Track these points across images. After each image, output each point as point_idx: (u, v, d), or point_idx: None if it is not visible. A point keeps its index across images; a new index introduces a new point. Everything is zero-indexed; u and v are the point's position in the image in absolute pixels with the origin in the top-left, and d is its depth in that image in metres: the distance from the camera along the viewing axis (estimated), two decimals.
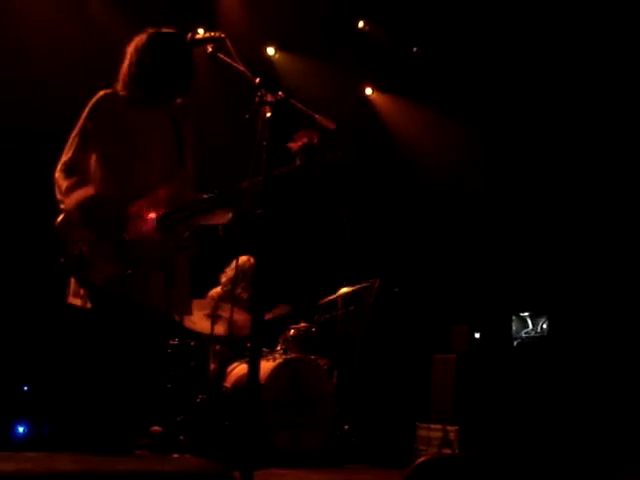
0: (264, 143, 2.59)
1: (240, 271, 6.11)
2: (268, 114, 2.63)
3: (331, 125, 2.74)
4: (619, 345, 6.97)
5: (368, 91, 8.65)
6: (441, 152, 7.99)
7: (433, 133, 8.16)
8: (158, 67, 3.28)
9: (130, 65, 3.32)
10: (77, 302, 3.28)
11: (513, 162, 7.81)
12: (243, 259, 6.17)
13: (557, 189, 7.65)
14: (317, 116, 2.76)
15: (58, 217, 3.20)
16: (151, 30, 3.35)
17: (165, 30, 3.35)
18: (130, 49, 3.35)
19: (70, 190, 3.20)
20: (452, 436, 6.03)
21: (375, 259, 7.56)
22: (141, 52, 3.30)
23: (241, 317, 5.62)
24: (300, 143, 3.00)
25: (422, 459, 2.06)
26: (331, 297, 6.15)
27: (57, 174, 3.28)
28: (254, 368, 2.63)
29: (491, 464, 2.17)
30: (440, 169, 7.90)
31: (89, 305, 3.23)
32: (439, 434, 6.13)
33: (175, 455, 4.99)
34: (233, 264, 6.13)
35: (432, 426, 6.25)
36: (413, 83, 8.29)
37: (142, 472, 1.69)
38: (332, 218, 7.55)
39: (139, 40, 3.34)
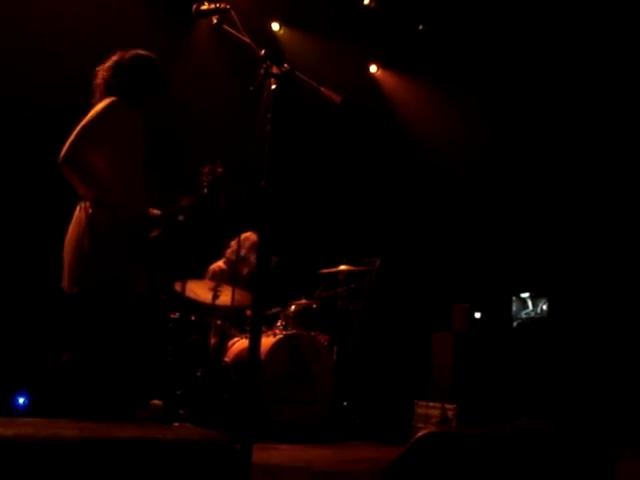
0: (269, 115, 2.57)
1: (243, 247, 6.09)
2: (273, 86, 2.60)
3: (337, 99, 2.72)
4: (618, 328, 6.99)
5: (373, 68, 8.59)
6: (445, 130, 7.96)
7: (438, 111, 8.11)
8: (136, 84, 3.68)
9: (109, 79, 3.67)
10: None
11: (518, 142, 7.78)
12: (246, 235, 6.15)
13: (561, 171, 7.62)
14: (323, 89, 2.74)
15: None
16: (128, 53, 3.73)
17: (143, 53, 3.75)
18: (108, 66, 3.72)
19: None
20: (450, 414, 6.06)
21: (378, 237, 7.56)
22: (120, 72, 3.68)
23: (241, 293, 5.61)
24: (208, 175, 3.37)
25: (422, 433, 2.07)
26: (331, 270, 6.15)
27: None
28: (254, 344, 2.62)
29: (490, 440, 2.18)
30: (444, 148, 7.87)
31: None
32: (437, 412, 6.16)
33: (176, 424, 5.01)
34: (237, 239, 6.12)
35: (430, 404, 6.27)
36: (418, 60, 8.23)
37: (141, 439, 1.69)
38: (335, 195, 7.57)
39: (117, 59, 3.71)
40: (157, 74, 3.76)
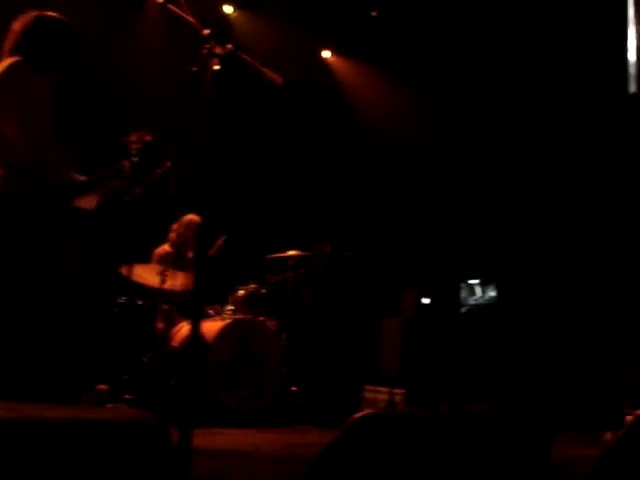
0: (211, 96, 2.54)
1: (187, 230, 6.02)
2: (216, 67, 2.57)
3: (279, 80, 2.70)
4: (565, 313, 7.11)
5: (326, 54, 8.57)
6: (397, 116, 7.99)
7: (390, 97, 8.14)
8: (42, 46, 3.54)
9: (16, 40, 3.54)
10: None
11: (468, 128, 7.85)
12: (189, 217, 6.06)
13: (509, 157, 7.71)
14: (265, 70, 2.72)
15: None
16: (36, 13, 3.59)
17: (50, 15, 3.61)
18: (16, 27, 3.58)
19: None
20: (398, 399, 6.12)
21: (328, 223, 7.57)
22: (27, 32, 3.54)
23: (188, 277, 5.57)
24: (135, 145, 3.26)
25: (358, 415, 2.07)
26: (280, 255, 6.14)
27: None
28: (196, 325, 2.60)
29: (426, 421, 2.19)
30: (395, 134, 7.90)
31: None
32: (385, 397, 6.21)
33: (109, 405, 4.96)
34: (181, 221, 6.05)
35: (379, 389, 6.32)
36: (371, 47, 8.24)
37: (76, 420, 1.67)
38: (284, 181, 7.55)
39: (26, 20, 3.58)
40: (67, 39, 3.62)
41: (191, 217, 6.05)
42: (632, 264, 6.65)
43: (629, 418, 4.54)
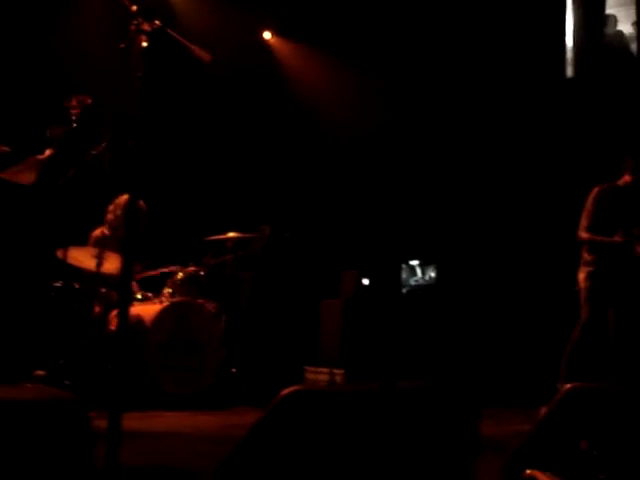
0: (139, 74, 2.50)
1: (123, 211, 5.89)
2: (144, 44, 2.53)
3: (207, 57, 2.67)
4: (502, 292, 7.24)
5: (267, 35, 8.52)
6: (337, 98, 7.99)
7: (329, 79, 8.13)
8: None
9: None
10: None
11: (408, 110, 7.89)
12: (124, 198, 5.93)
13: (450, 140, 7.79)
14: (193, 47, 2.69)
15: None
16: None
17: None
18: None
19: None
20: (338, 379, 6.17)
21: (267, 205, 7.55)
22: None
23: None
24: (75, 109, 3.11)
25: (286, 391, 2.08)
26: (219, 237, 6.10)
27: None
28: (124, 309, 2.57)
29: (356, 397, 2.22)
30: (336, 116, 7.90)
31: None
32: (326, 377, 6.26)
33: (28, 384, 4.89)
34: (116, 202, 5.93)
35: (319, 369, 6.36)
36: (312, 29, 8.22)
37: None
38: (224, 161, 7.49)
39: None
40: None
41: (126, 197, 5.90)
42: (565, 244, 6.79)
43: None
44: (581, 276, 5.50)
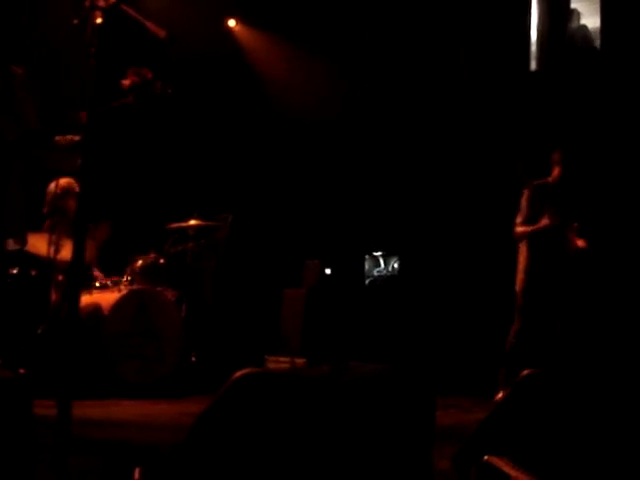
0: (92, 50, 2.44)
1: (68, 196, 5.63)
2: (99, 20, 2.47)
3: (162, 34, 2.62)
4: (464, 283, 7.28)
5: (231, 23, 8.44)
6: (300, 86, 7.95)
7: (293, 67, 8.09)
8: None
9: None
10: None
11: (373, 99, 7.88)
12: (66, 182, 5.64)
13: (413, 127, 7.78)
14: (148, 24, 2.63)
15: None
16: None
17: None
18: None
19: None
20: None
21: (229, 193, 7.49)
22: None
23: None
24: (131, 80, 2.97)
25: (238, 374, 2.05)
26: (180, 224, 6.03)
27: None
28: (75, 296, 2.52)
29: (308, 380, 2.19)
30: (300, 104, 7.86)
31: None
32: (287, 366, 6.24)
33: None
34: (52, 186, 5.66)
35: (281, 358, 6.34)
36: (277, 17, 8.17)
37: None
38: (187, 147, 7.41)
39: None
40: None
41: (68, 181, 5.51)
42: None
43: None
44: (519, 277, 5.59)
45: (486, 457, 2.42)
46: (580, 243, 5.54)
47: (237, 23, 8.44)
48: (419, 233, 7.73)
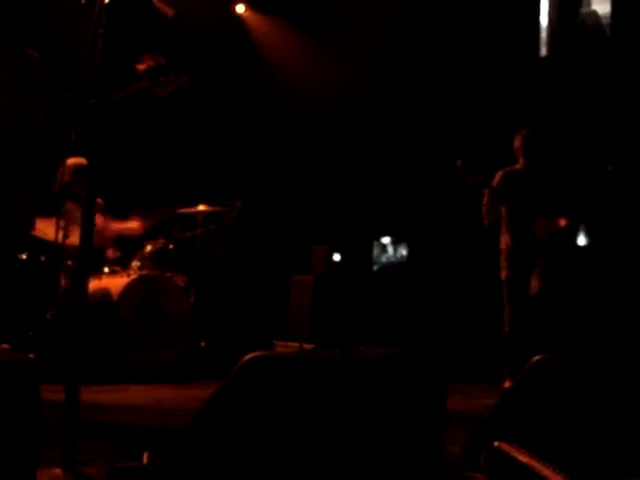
0: (100, 31, 2.42)
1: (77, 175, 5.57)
2: (106, 0, 2.45)
3: (170, 12, 2.59)
4: (472, 271, 7.26)
5: (240, 9, 8.39)
6: (309, 72, 7.91)
7: (302, 53, 8.05)
8: None
9: None
10: None
11: (383, 87, 7.84)
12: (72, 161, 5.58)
13: (419, 115, 7.75)
14: (156, 1, 2.61)
15: None
16: None
17: None
18: None
19: None
20: None
21: (238, 179, 7.47)
22: None
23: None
24: (146, 65, 2.92)
25: (249, 357, 2.04)
26: (190, 210, 6.02)
27: None
28: (83, 281, 2.51)
29: (316, 363, 2.18)
30: (307, 91, 7.82)
31: None
32: (296, 351, 6.22)
33: None
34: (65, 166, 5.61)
35: (289, 344, 6.34)
36: (286, 2, 8.13)
37: None
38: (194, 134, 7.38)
39: None
40: None
41: (76, 161, 5.45)
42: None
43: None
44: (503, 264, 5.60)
45: (496, 443, 2.40)
46: (562, 222, 5.52)
47: (246, 9, 8.39)
48: (427, 220, 7.71)
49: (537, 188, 5.55)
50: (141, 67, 2.89)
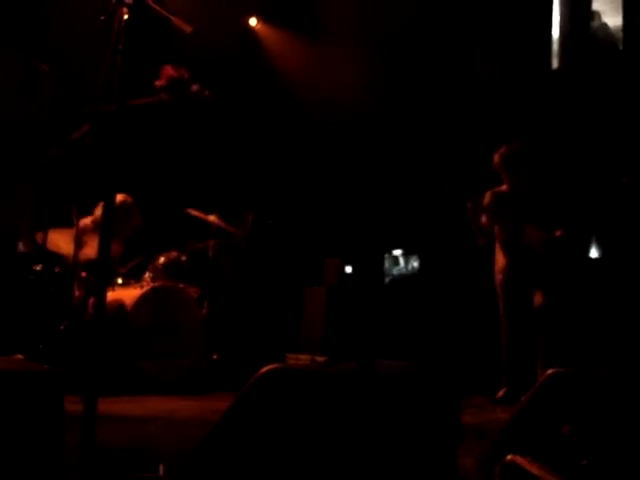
0: (120, 47, 2.45)
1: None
2: (125, 16, 2.48)
3: (188, 29, 2.62)
4: (484, 283, 7.24)
5: (252, 22, 8.45)
6: (322, 85, 7.94)
7: (315, 66, 8.09)
8: None
9: None
10: None
11: (394, 98, 7.86)
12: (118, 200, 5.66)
13: (433, 129, 7.76)
14: (174, 19, 2.64)
15: None
16: None
17: None
18: None
19: None
20: None
21: (250, 191, 7.50)
22: None
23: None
24: (167, 78, 2.95)
25: (265, 369, 2.06)
26: (202, 216, 6.03)
27: None
28: (101, 298, 2.53)
29: (332, 376, 2.19)
30: (320, 103, 7.86)
31: None
32: (307, 364, 6.22)
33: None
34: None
35: (301, 356, 6.34)
36: (299, 15, 8.18)
37: None
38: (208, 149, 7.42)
39: None
40: None
41: (120, 199, 5.48)
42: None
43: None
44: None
45: (509, 456, 2.40)
46: (557, 232, 5.51)
47: (258, 22, 8.45)
48: (439, 232, 7.70)
49: (526, 204, 5.55)
50: (159, 83, 2.93)
